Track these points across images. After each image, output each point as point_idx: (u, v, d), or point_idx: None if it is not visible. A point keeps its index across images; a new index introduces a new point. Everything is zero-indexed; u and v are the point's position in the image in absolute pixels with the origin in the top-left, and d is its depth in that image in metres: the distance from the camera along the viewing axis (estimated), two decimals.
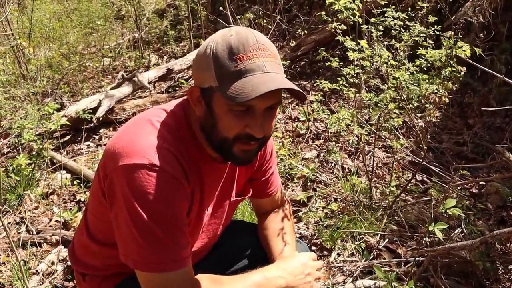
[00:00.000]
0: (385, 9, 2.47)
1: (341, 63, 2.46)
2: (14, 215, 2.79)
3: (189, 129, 1.07)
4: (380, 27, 2.43)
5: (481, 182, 2.63)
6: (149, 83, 4.63)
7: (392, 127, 2.63)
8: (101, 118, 3.92)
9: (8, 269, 2.32)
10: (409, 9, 2.87)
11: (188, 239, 1.04)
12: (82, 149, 3.69)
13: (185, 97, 1.12)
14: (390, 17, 2.39)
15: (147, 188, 0.94)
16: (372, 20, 2.49)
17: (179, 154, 1.01)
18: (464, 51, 1.92)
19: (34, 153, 3.11)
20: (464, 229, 2.18)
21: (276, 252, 1.28)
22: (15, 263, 2.22)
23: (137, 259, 0.98)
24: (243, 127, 0.98)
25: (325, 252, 2.23)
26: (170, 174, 0.97)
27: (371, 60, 2.29)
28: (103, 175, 1.03)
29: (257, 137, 0.99)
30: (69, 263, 2.31)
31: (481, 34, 3.56)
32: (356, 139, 2.75)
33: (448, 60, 2.06)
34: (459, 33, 2.24)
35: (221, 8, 4.95)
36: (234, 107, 0.96)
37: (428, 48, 2.18)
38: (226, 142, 1.00)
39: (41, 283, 2.21)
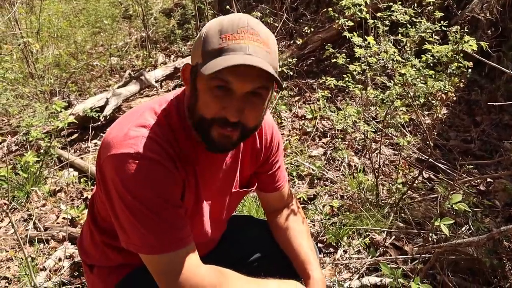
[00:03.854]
0: (391, 4, 2.46)
1: (348, 59, 2.45)
2: (22, 212, 2.82)
3: (181, 120, 1.08)
4: (387, 22, 2.41)
5: (488, 179, 2.60)
6: (156, 81, 4.65)
7: (398, 124, 2.62)
8: (108, 117, 3.94)
9: (16, 265, 2.34)
10: (415, 5, 2.86)
11: (185, 220, 1.06)
12: (89, 147, 3.71)
13: (180, 89, 1.14)
14: (397, 11, 2.37)
15: (134, 175, 0.97)
16: (379, 14, 2.48)
17: (166, 143, 1.03)
18: (471, 45, 1.90)
19: (42, 151, 3.13)
20: (471, 226, 2.16)
21: (304, 265, 1.30)
22: (22, 259, 2.24)
23: (137, 243, 1.01)
24: (220, 108, 0.97)
25: (331, 249, 2.22)
26: (155, 160, 1.00)
27: (377, 57, 2.28)
28: (98, 166, 1.07)
29: (231, 121, 0.97)
30: (76, 259, 2.32)
31: (489, 31, 3.53)
32: (363, 136, 2.74)
33: (455, 55, 2.04)
34: (466, 28, 2.22)
35: (228, 6, 4.95)
36: (211, 84, 0.96)
37: (435, 44, 2.16)
38: (204, 122, 1.00)
39: (48, 279, 2.23)
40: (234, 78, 0.93)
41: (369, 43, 2.27)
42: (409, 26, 2.37)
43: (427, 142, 2.43)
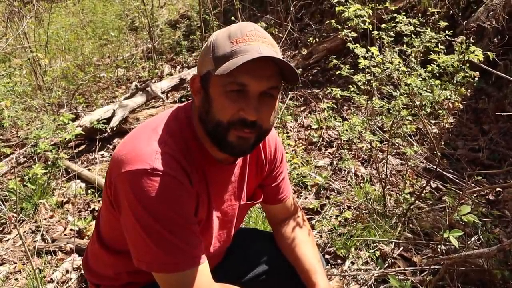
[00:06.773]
0: (395, 15, 2.46)
1: (352, 70, 2.45)
2: (30, 223, 2.83)
3: (192, 132, 1.08)
4: (391, 33, 2.41)
5: (498, 189, 2.57)
6: (162, 93, 4.67)
7: (405, 134, 2.60)
8: (115, 128, 3.96)
9: (24, 277, 2.34)
10: (420, 15, 2.85)
11: (199, 237, 1.05)
12: (97, 158, 3.73)
13: (188, 102, 1.14)
14: (401, 22, 2.37)
15: (150, 192, 0.96)
16: (383, 26, 2.48)
17: (181, 157, 1.02)
18: (477, 55, 1.89)
19: (49, 162, 3.15)
20: (481, 237, 2.13)
21: (310, 274, 1.28)
22: (30, 271, 2.24)
23: (150, 261, 1.00)
24: (237, 110, 0.98)
25: (339, 261, 2.20)
26: (171, 176, 0.98)
27: (382, 67, 2.28)
28: (109, 183, 1.05)
29: (251, 120, 0.97)
30: (83, 271, 2.32)
31: (495, 39, 3.51)
32: (369, 146, 2.73)
33: (461, 65, 2.03)
34: (472, 38, 2.21)
35: (233, 18, 4.98)
36: (227, 89, 0.97)
37: (440, 53, 2.16)
38: (220, 126, 0.99)
39: None
40: (250, 78, 0.95)
41: (372, 53, 2.27)
42: (414, 37, 2.37)
43: (435, 152, 2.41)
